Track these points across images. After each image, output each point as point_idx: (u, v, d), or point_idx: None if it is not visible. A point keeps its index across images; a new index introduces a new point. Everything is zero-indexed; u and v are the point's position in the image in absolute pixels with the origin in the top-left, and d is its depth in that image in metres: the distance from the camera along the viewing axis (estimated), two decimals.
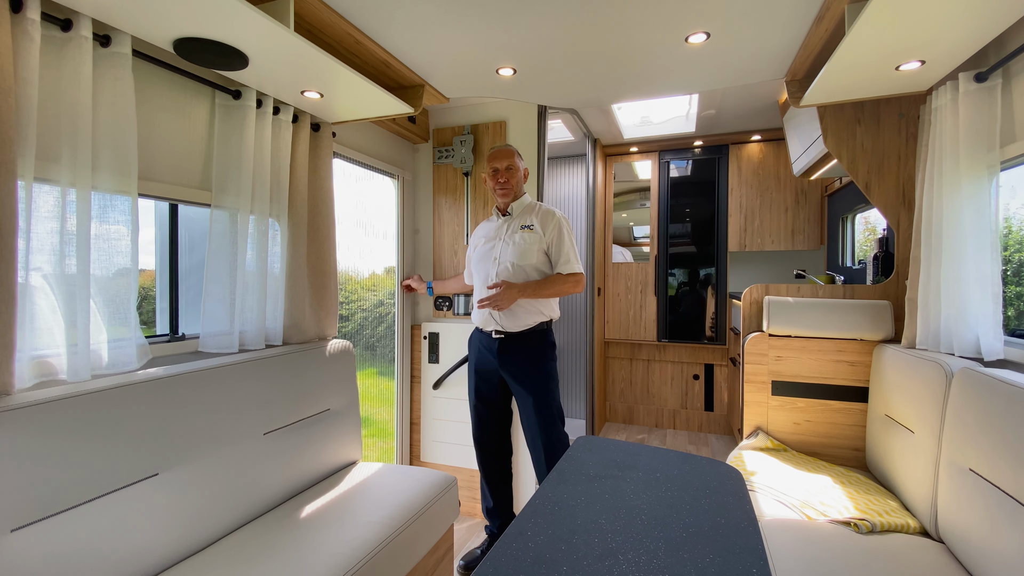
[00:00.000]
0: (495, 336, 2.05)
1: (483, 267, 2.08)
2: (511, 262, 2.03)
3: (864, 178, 2.09)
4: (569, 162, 3.97)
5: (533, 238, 2.04)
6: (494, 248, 2.07)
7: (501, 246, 2.06)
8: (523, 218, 2.09)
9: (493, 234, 2.11)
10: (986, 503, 1.20)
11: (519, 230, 2.06)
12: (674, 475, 1.22)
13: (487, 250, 2.09)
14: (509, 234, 2.07)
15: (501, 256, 2.04)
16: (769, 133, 3.35)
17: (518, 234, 2.05)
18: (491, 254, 2.07)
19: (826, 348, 2.07)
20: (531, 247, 2.03)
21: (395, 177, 2.74)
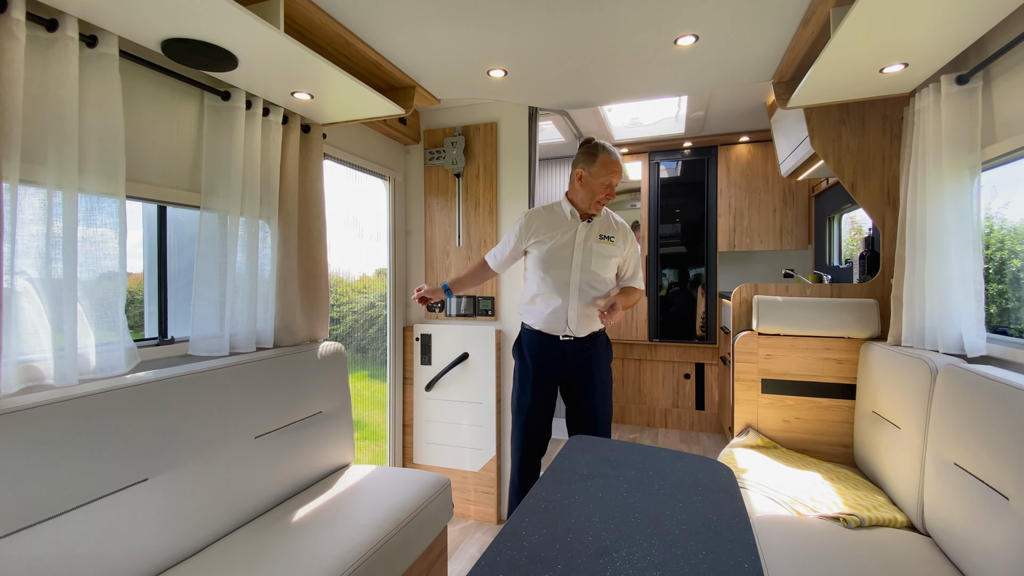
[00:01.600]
0: (563, 339, 2.01)
1: (557, 270, 1.98)
2: (594, 271, 1.99)
3: (850, 179, 2.12)
4: (560, 163, 3.98)
5: (613, 251, 2.03)
6: (573, 253, 1.99)
7: (582, 254, 1.99)
8: (602, 227, 2.03)
9: (566, 235, 1.99)
10: (970, 496, 1.22)
11: (598, 239, 2.01)
12: (666, 473, 1.23)
13: (558, 252, 1.99)
14: (588, 241, 2.00)
15: (583, 264, 1.99)
16: (757, 134, 3.39)
17: (597, 244, 2.00)
18: (570, 259, 1.98)
19: (814, 346, 2.10)
20: (611, 260, 2.03)
21: (386, 178, 2.74)
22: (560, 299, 1.98)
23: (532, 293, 2.04)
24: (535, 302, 2.03)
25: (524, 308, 2.08)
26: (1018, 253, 2.01)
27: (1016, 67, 1.45)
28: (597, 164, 1.93)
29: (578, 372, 2.04)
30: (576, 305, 1.99)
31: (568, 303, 1.98)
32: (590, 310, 2.00)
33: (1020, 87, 1.43)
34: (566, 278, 1.98)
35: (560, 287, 1.98)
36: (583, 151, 1.99)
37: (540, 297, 2.02)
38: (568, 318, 1.99)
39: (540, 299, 2.01)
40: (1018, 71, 1.44)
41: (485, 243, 2.68)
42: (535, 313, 2.03)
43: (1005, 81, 1.49)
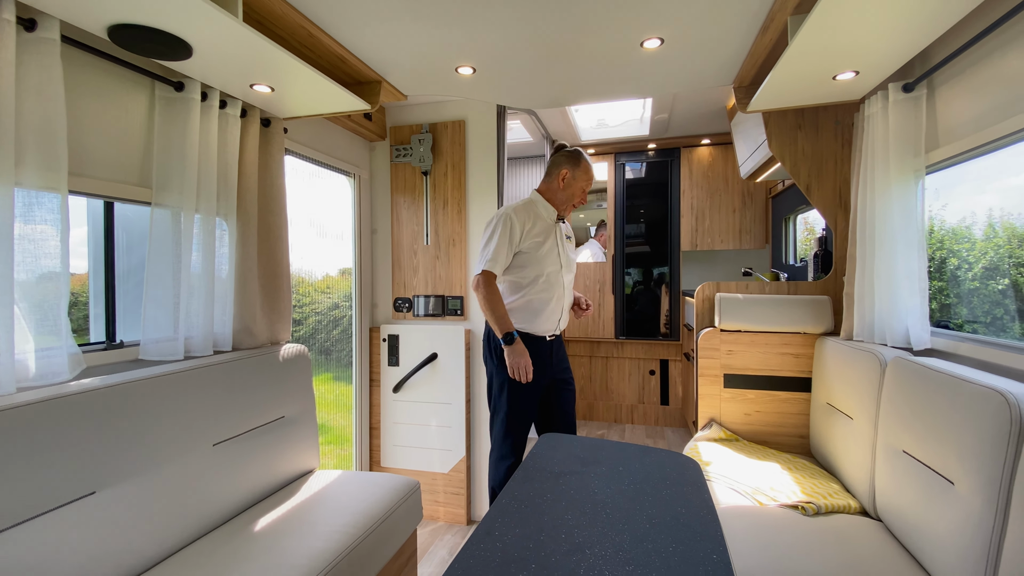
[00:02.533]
0: (549, 339, 2.05)
1: (551, 272, 2.01)
2: (572, 269, 2.13)
3: (805, 181, 2.21)
4: (528, 163, 3.99)
5: (572, 248, 2.19)
6: (559, 253, 2.05)
7: (563, 253, 2.08)
8: (565, 229, 2.17)
9: (549, 234, 2.02)
10: (918, 482, 1.29)
11: (566, 240, 2.14)
12: (635, 468, 1.25)
13: (550, 251, 2.01)
14: (562, 240, 2.10)
15: (566, 262, 2.09)
16: (718, 137, 3.49)
17: (567, 243, 2.14)
18: (558, 259, 2.04)
19: (773, 342, 2.18)
20: (575, 259, 2.19)
21: (351, 175, 2.67)
22: (555, 298, 2.02)
23: (524, 294, 1.99)
24: (530, 303, 1.99)
25: (519, 311, 1.99)
26: (955, 252, 2.14)
27: (956, 77, 1.54)
28: (581, 169, 2.04)
29: (560, 368, 2.10)
30: (565, 303, 2.08)
31: (562, 302, 2.05)
32: (569, 308, 2.13)
33: (960, 96, 1.53)
34: (559, 277, 2.03)
35: (555, 286, 2.02)
36: (567, 154, 2.06)
37: (536, 298, 1.99)
38: (560, 317, 2.06)
39: (536, 300, 1.99)
40: (958, 81, 1.54)
41: (454, 242, 2.66)
42: (530, 314, 1.99)
43: (947, 90, 1.58)
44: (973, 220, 1.94)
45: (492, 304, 1.92)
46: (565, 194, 2.04)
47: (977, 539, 1.04)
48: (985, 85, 1.43)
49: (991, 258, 1.87)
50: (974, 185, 1.86)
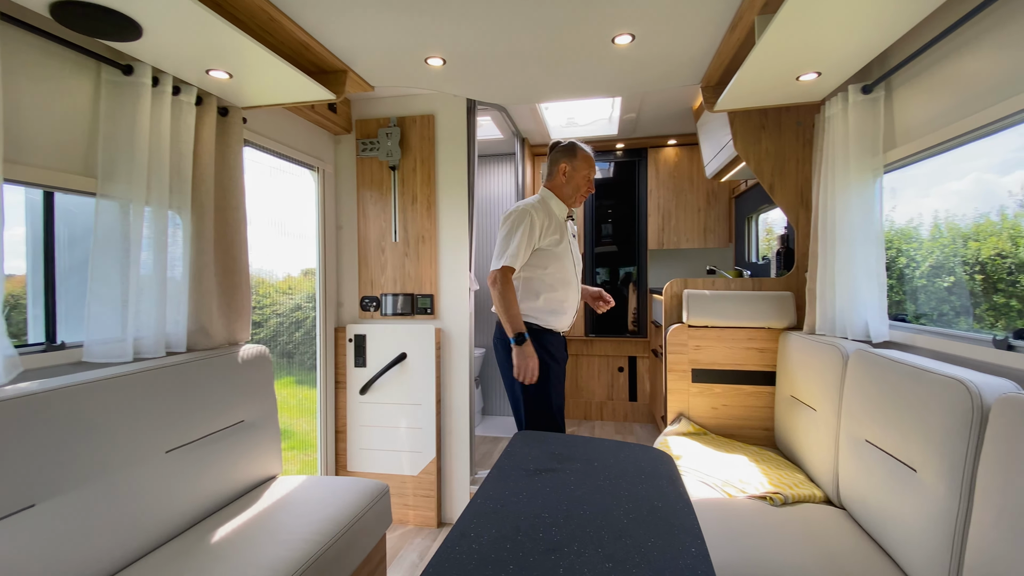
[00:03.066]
0: (563, 335, 2.11)
1: (568, 268, 2.04)
2: (579, 265, 2.15)
3: (768, 180, 2.27)
4: (498, 160, 3.96)
5: (575, 245, 2.18)
6: (572, 247, 2.10)
7: (575, 250, 2.12)
8: (572, 227, 2.19)
9: (563, 232, 2.05)
10: (881, 470, 1.33)
11: (573, 236, 2.17)
12: (610, 463, 1.24)
13: (565, 248, 2.03)
14: (572, 237, 2.13)
15: (577, 259, 2.13)
16: (684, 138, 3.56)
17: (573, 240, 2.15)
18: (574, 254, 2.10)
19: (738, 336, 2.22)
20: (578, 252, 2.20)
21: (315, 169, 2.58)
22: (574, 295, 2.06)
23: (551, 293, 1.99)
24: (555, 300, 2.00)
25: (543, 309, 1.99)
26: (904, 252, 2.24)
27: (913, 80, 1.61)
28: (578, 158, 2.04)
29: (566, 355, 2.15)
30: (579, 299, 2.12)
31: (578, 297, 2.10)
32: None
33: (916, 97, 1.60)
34: (575, 273, 2.08)
35: (573, 282, 2.06)
36: (562, 149, 2.07)
37: (561, 296, 2.01)
38: (574, 315, 2.11)
39: (561, 297, 2.01)
40: (913, 84, 1.60)
41: (424, 239, 2.60)
42: (556, 313, 2.01)
43: (904, 92, 1.65)
44: (920, 221, 2.03)
45: (507, 303, 1.90)
46: (570, 187, 2.06)
47: (942, 524, 1.08)
48: (939, 87, 1.50)
49: (937, 257, 1.96)
50: (920, 189, 1.95)
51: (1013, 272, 1.78)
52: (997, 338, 1.23)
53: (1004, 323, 1.63)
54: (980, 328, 1.66)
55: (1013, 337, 1.20)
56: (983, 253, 1.77)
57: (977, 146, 1.57)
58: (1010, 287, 1.79)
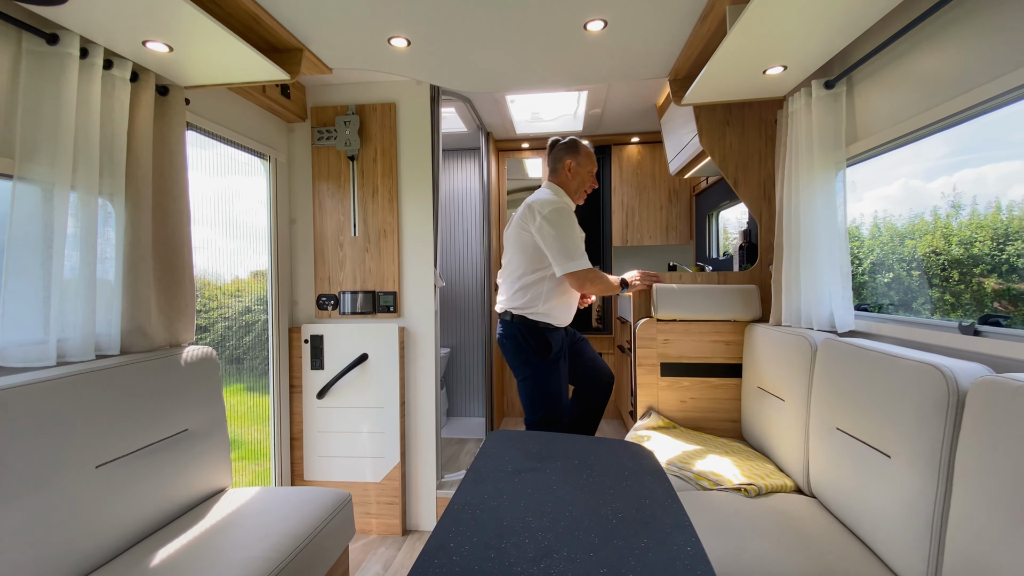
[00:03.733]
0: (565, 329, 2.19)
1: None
2: None
3: (733, 175, 2.30)
4: (462, 155, 3.87)
5: None
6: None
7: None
8: None
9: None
10: (854, 458, 1.35)
11: None
12: (591, 461, 1.19)
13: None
14: None
15: None
16: (647, 136, 3.59)
17: None
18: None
19: (705, 330, 2.24)
20: None
21: (266, 158, 2.41)
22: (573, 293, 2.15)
23: (565, 290, 2.09)
24: (566, 296, 2.10)
25: (557, 306, 2.08)
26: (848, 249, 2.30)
27: (872, 76, 1.66)
28: (582, 155, 2.14)
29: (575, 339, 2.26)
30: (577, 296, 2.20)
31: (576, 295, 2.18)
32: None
33: (875, 93, 1.64)
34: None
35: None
36: (564, 146, 2.16)
37: (566, 294, 2.10)
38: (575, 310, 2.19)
39: (566, 296, 2.11)
40: (874, 79, 1.65)
41: (385, 234, 2.48)
42: (569, 305, 2.13)
43: (864, 88, 1.69)
44: (862, 221, 2.10)
45: (605, 282, 2.10)
46: (575, 183, 2.16)
47: (919, 509, 1.09)
48: (898, 83, 1.54)
49: (878, 254, 2.04)
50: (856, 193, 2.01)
51: (947, 268, 1.88)
52: (963, 324, 1.27)
53: (939, 316, 1.69)
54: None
55: (979, 323, 1.24)
56: (919, 251, 1.85)
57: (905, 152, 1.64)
58: (943, 282, 1.89)
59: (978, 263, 1.73)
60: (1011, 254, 1.62)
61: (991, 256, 1.68)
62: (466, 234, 3.91)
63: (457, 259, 3.92)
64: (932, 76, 1.42)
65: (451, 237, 3.91)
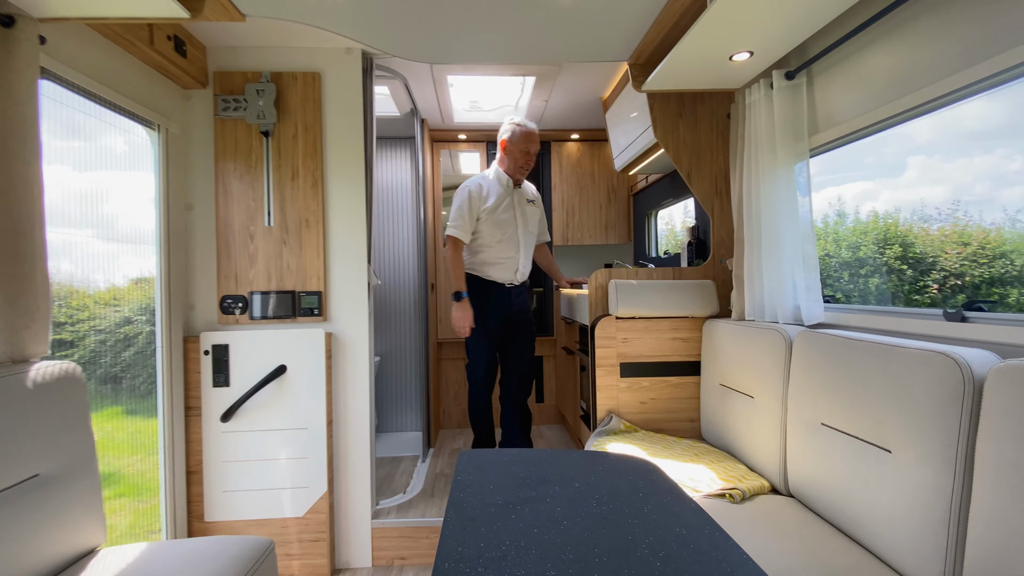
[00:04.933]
0: (508, 287, 2.52)
1: (508, 229, 2.46)
2: (529, 229, 2.55)
3: (686, 169, 2.25)
4: (393, 144, 3.54)
5: (536, 212, 2.62)
6: (515, 215, 2.49)
7: (520, 215, 2.50)
8: (527, 193, 2.58)
9: (507, 200, 2.47)
10: (845, 454, 1.28)
11: (527, 203, 2.56)
12: (594, 482, 0.99)
13: (509, 216, 2.46)
14: (521, 205, 2.52)
15: (524, 223, 2.51)
16: (587, 133, 3.52)
17: (527, 207, 2.55)
18: (514, 220, 2.48)
19: (664, 327, 2.15)
20: (535, 219, 2.61)
21: (154, 127, 1.96)
22: (511, 253, 2.48)
23: (484, 250, 2.47)
24: (489, 257, 2.48)
25: (481, 261, 2.49)
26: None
27: (830, 70, 1.66)
28: (516, 135, 2.41)
29: (521, 309, 2.57)
30: (522, 258, 2.51)
31: (519, 256, 2.50)
32: (529, 260, 2.57)
33: (834, 86, 1.64)
34: (515, 235, 2.49)
35: (512, 242, 2.48)
36: (504, 127, 2.47)
37: (493, 253, 2.47)
38: (518, 269, 2.51)
39: (494, 254, 2.47)
40: (832, 73, 1.65)
41: (308, 224, 2.13)
42: (490, 266, 2.48)
43: (823, 81, 1.69)
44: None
45: (450, 265, 2.44)
46: (510, 160, 2.46)
47: (935, 507, 1.02)
48: (856, 78, 1.56)
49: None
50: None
51: (837, 270, 2.01)
52: (949, 311, 1.25)
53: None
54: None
55: (964, 309, 1.22)
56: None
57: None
58: (835, 282, 2.00)
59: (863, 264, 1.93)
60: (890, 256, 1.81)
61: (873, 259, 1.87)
62: (397, 230, 3.57)
63: (387, 258, 3.57)
64: (887, 72, 1.45)
65: (380, 234, 3.56)
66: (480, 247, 2.47)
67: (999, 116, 1.43)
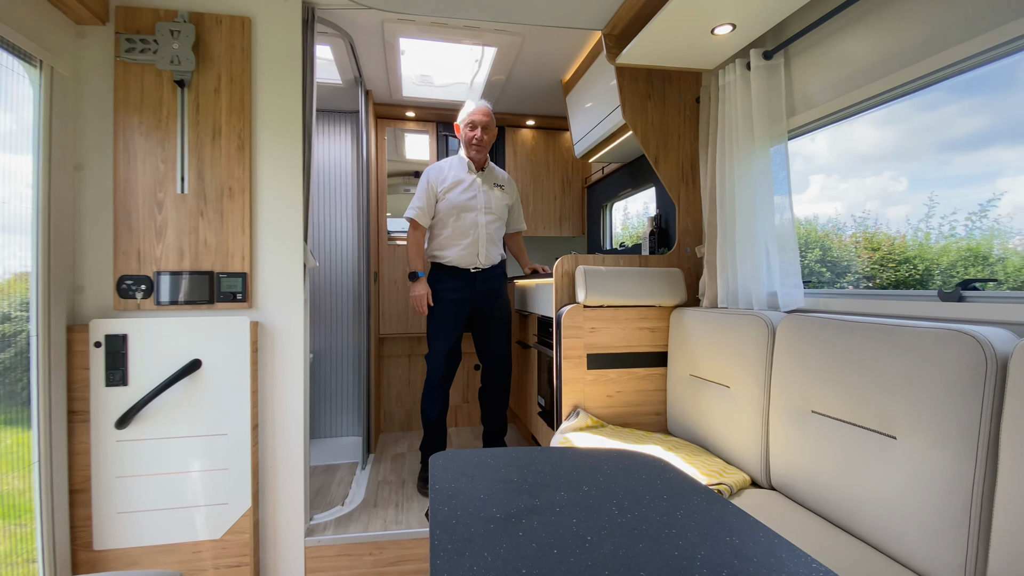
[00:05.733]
0: (473, 271, 2.39)
1: (467, 214, 2.36)
2: (494, 216, 2.43)
3: (654, 152, 2.17)
4: (332, 119, 3.21)
5: (504, 197, 2.48)
6: (476, 199, 2.38)
7: (483, 199, 2.40)
8: (494, 178, 2.47)
9: (468, 184, 2.37)
10: (841, 442, 1.21)
11: (493, 188, 2.43)
12: (605, 484, 0.83)
13: (469, 199, 2.36)
14: (486, 189, 2.41)
15: (486, 208, 2.40)
16: (542, 120, 3.38)
17: (493, 192, 2.43)
18: (474, 204, 2.37)
19: (631, 316, 2.05)
20: (503, 204, 2.47)
21: (34, 64, 1.57)
22: (472, 236, 2.37)
23: (444, 234, 2.38)
24: (450, 240, 2.37)
25: (438, 246, 2.39)
26: None
27: (807, 52, 1.62)
28: (462, 113, 2.38)
29: (487, 295, 2.42)
30: (484, 241, 2.39)
31: (479, 239, 2.38)
32: (494, 245, 2.44)
33: (811, 68, 1.61)
34: (475, 219, 2.37)
35: (473, 226, 2.37)
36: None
37: (453, 236, 2.37)
38: (479, 252, 2.38)
39: (453, 238, 2.37)
40: (808, 56, 1.62)
41: (231, 192, 1.81)
42: (451, 249, 2.37)
43: (800, 63, 1.65)
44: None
45: (408, 247, 2.39)
46: (462, 141, 2.40)
47: (954, 496, 0.95)
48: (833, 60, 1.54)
49: None
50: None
51: None
52: (945, 291, 1.21)
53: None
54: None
55: (961, 288, 1.19)
56: None
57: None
58: None
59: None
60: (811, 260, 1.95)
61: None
62: (335, 214, 3.24)
63: (323, 244, 3.23)
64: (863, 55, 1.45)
65: (316, 217, 3.21)
66: (440, 230, 2.39)
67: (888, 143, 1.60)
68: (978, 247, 1.40)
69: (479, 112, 2.34)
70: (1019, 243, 1.31)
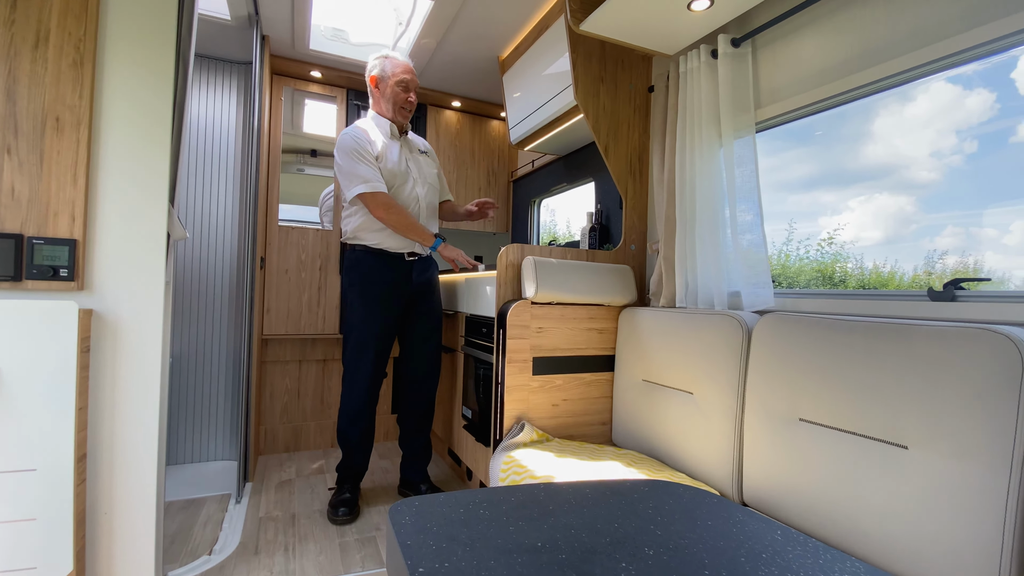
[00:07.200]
0: (409, 258, 2.02)
1: (401, 184, 2.00)
2: (429, 186, 2.09)
3: (604, 141, 2.01)
4: (215, 68, 2.60)
5: (433, 164, 2.16)
6: (410, 169, 2.03)
7: (415, 167, 2.06)
8: (417, 144, 2.13)
9: (397, 152, 2.01)
10: (838, 454, 1.10)
11: (419, 154, 2.11)
12: (666, 540, 0.57)
13: (400, 169, 1.99)
14: (413, 156, 2.08)
15: (421, 177, 2.06)
16: (468, 103, 3.10)
17: (421, 158, 2.10)
18: (407, 173, 2.02)
19: (581, 315, 1.85)
20: (433, 172, 2.14)
21: None
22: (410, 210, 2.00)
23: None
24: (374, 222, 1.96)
25: (365, 227, 1.97)
26: None
27: (775, 43, 1.57)
28: (387, 67, 2.01)
29: (423, 289, 2.06)
30: (425, 218, 2.06)
31: (419, 216, 2.02)
32: (433, 221, 2.13)
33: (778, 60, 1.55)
34: (413, 192, 2.02)
35: (408, 202, 2.01)
36: (370, 63, 2.05)
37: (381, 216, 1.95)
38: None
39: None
40: (776, 47, 1.57)
41: (59, 125, 1.27)
42: (379, 232, 1.96)
43: (767, 54, 1.59)
44: None
45: (396, 221, 1.90)
46: (386, 101, 2.02)
47: (986, 512, 0.85)
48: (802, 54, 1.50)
49: None
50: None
51: None
52: (935, 290, 1.16)
53: None
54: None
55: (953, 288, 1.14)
56: None
57: None
58: None
59: None
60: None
61: None
62: (213, 182, 2.62)
63: (195, 215, 2.60)
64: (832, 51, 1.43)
65: (188, 178, 2.57)
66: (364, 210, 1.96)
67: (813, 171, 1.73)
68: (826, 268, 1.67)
69: (410, 71, 2.03)
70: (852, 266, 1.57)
